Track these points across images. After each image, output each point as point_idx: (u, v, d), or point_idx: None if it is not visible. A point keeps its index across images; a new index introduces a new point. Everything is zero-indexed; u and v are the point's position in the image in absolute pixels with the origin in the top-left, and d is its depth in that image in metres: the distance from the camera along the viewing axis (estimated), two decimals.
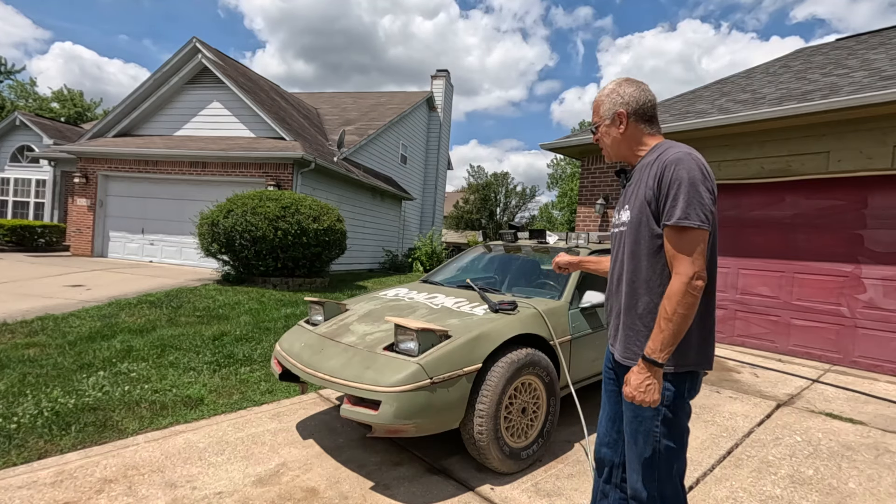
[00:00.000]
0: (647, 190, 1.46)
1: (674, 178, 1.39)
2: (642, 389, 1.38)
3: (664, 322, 1.35)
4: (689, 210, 1.35)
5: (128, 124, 11.49)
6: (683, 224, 1.35)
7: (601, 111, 1.62)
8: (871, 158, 4.83)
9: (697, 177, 1.38)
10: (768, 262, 5.68)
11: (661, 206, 1.43)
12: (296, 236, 7.71)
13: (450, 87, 19.29)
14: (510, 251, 4.17)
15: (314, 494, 2.28)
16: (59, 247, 12.86)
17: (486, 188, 38.81)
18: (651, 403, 1.38)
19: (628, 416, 1.52)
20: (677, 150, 1.46)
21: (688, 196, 1.36)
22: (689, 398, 1.49)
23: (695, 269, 1.34)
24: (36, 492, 2.19)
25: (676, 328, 1.34)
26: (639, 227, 1.49)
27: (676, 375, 1.45)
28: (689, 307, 1.34)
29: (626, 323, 1.54)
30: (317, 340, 2.81)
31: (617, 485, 1.70)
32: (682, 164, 1.40)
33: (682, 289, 1.33)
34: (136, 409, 3.13)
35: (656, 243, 1.45)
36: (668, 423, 1.45)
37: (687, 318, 1.34)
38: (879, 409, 3.80)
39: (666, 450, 1.46)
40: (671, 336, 1.34)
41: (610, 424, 1.71)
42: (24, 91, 30.47)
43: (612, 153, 1.65)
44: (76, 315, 5.29)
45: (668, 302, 1.35)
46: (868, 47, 7.11)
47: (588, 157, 7.49)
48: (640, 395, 1.38)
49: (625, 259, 1.56)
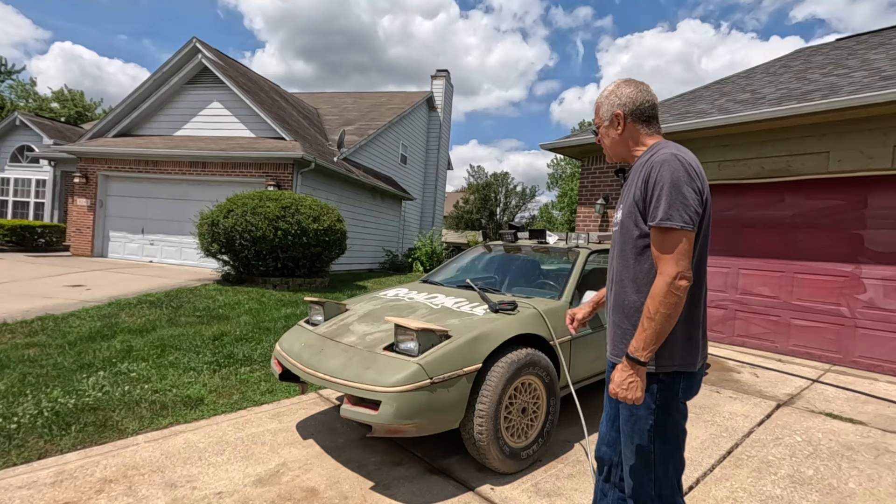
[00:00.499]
0: (636, 190, 1.48)
1: (657, 179, 1.41)
2: (624, 387, 1.40)
3: (647, 321, 1.37)
4: (671, 211, 1.36)
5: (128, 124, 11.49)
6: (665, 225, 1.37)
7: (601, 113, 1.65)
8: (871, 158, 4.83)
9: (682, 178, 1.39)
10: (768, 261, 5.68)
11: (647, 207, 1.45)
12: (296, 236, 7.71)
13: (450, 87, 19.29)
14: (510, 251, 4.17)
15: (314, 494, 2.28)
16: (59, 247, 12.87)
17: (486, 188, 38.81)
18: (634, 401, 1.39)
19: (623, 416, 1.53)
20: (666, 150, 1.46)
21: (670, 197, 1.37)
22: (683, 398, 1.49)
23: (678, 270, 1.35)
24: (36, 492, 2.19)
25: (659, 327, 1.35)
26: (627, 227, 1.52)
27: (668, 375, 1.45)
28: (672, 307, 1.35)
29: (614, 321, 1.57)
30: (317, 340, 2.81)
31: (616, 484, 1.71)
32: (666, 165, 1.41)
33: (664, 289, 1.34)
34: (136, 409, 3.13)
35: (642, 243, 1.47)
36: (662, 423, 1.46)
37: (670, 317, 1.35)
38: (879, 409, 3.80)
39: (661, 450, 1.46)
40: (653, 335, 1.35)
41: (609, 424, 1.72)
42: (24, 91, 30.48)
43: (612, 154, 1.67)
44: (76, 315, 5.29)
45: (651, 301, 1.36)
46: (868, 47, 7.11)
47: (588, 157, 7.49)
48: (623, 392, 1.40)
49: (614, 259, 1.60)
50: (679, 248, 1.36)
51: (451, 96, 19.61)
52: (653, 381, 1.45)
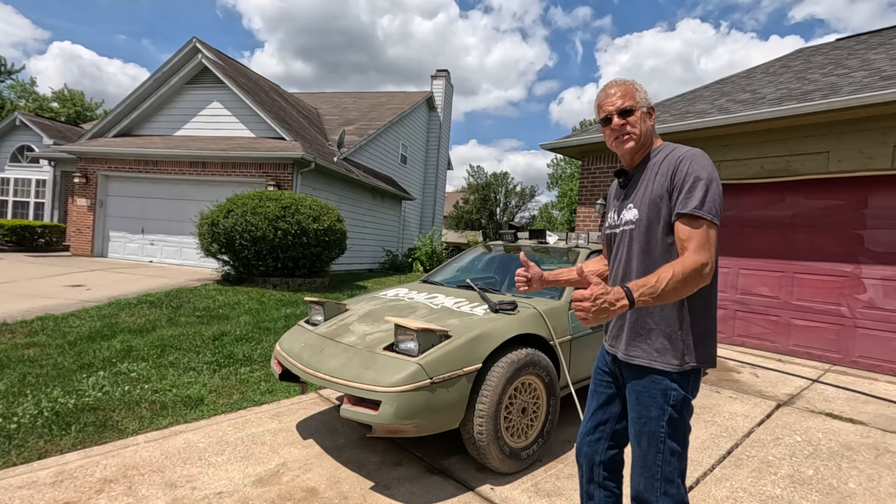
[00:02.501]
0: (660, 188, 1.46)
1: (690, 172, 1.41)
2: (596, 305, 1.23)
3: (663, 275, 1.30)
4: (707, 203, 1.38)
5: (128, 124, 11.49)
6: (699, 214, 1.37)
7: (637, 97, 1.54)
8: (871, 158, 4.83)
9: (714, 175, 1.42)
10: (768, 262, 5.68)
11: (673, 201, 1.44)
12: (296, 236, 7.71)
13: (450, 86, 19.29)
14: (510, 251, 4.17)
15: (314, 494, 2.28)
16: (59, 247, 12.87)
17: (486, 188, 38.83)
18: (588, 320, 1.25)
19: (632, 417, 1.51)
20: (687, 148, 1.49)
21: (706, 189, 1.38)
22: (692, 397, 1.49)
23: (709, 258, 1.35)
24: (36, 492, 2.19)
25: (668, 288, 1.30)
26: (651, 225, 1.48)
27: (681, 374, 1.44)
28: (689, 284, 1.32)
29: (636, 321, 1.51)
30: (317, 340, 2.81)
31: (600, 483, 1.69)
32: (699, 159, 1.44)
33: (694, 267, 1.32)
34: (136, 409, 3.13)
35: (669, 240, 1.46)
36: (674, 424, 1.45)
37: (681, 290, 1.32)
38: (879, 409, 3.80)
39: (670, 451, 1.45)
40: (659, 291, 1.29)
41: (593, 424, 1.70)
42: (24, 91, 30.47)
43: (640, 143, 1.56)
44: (76, 315, 5.29)
45: (678, 265, 1.32)
46: (868, 47, 7.11)
47: (588, 157, 7.48)
48: (588, 304, 1.23)
49: (633, 257, 1.53)
50: (710, 239, 1.37)
51: (451, 96, 19.61)
52: (670, 379, 1.43)
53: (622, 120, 1.54)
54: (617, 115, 1.54)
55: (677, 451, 1.46)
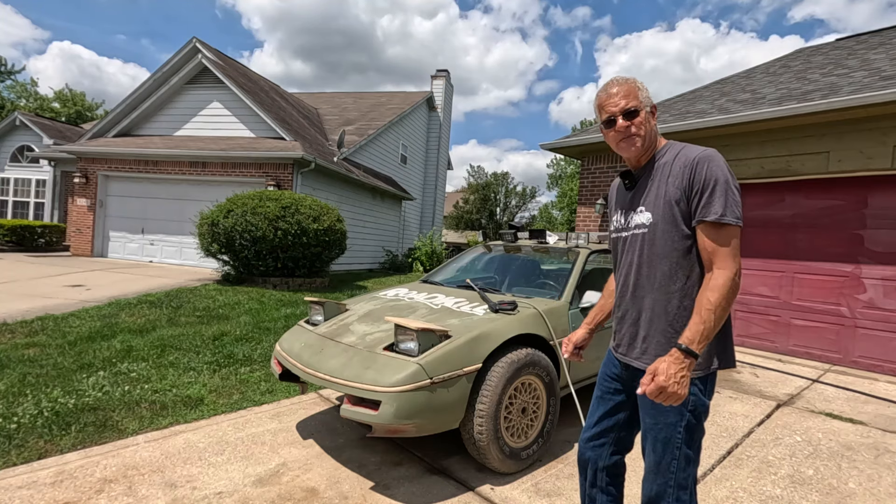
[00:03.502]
0: (675, 189, 1.42)
1: (708, 175, 1.38)
2: (676, 380, 1.25)
3: (706, 312, 1.29)
4: (729, 207, 1.36)
5: (128, 124, 11.49)
6: (724, 220, 1.35)
7: (640, 97, 1.48)
8: (871, 158, 4.83)
9: (731, 175, 1.40)
10: (768, 262, 5.68)
11: (691, 205, 1.41)
12: (296, 236, 7.71)
13: (450, 86, 19.29)
14: (510, 251, 4.17)
15: (314, 494, 2.28)
16: (59, 247, 12.87)
17: (486, 188, 38.83)
18: (679, 399, 1.27)
19: (648, 423, 1.47)
20: (699, 148, 1.45)
21: (725, 194, 1.36)
22: (709, 401, 1.46)
23: (737, 265, 1.34)
24: (36, 492, 2.19)
25: (718, 320, 1.30)
26: (666, 229, 1.44)
27: (702, 379, 1.41)
28: (730, 302, 1.32)
29: (659, 328, 1.46)
30: (317, 340, 2.81)
31: (602, 488, 1.67)
32: (715, 161, 1.40)
33: (728, 283, 1.31)
34: (136, 409, 3.13)
35: (687, 244, 1.43)
36: (691, 430, 1.41)
37: (726, 312, 1.32)
38: (879, 409, 3.80)
39: (685, 457, 1.42)
40: (712, 328, 1.29)
41: (599, 431, 1.66)
42: (24, 91, 30.47)
43: (646, 144, 1.51)
44: (76, 315, 5.29)
45: (713, 294, 1.31)
46: (868, 47, 7.11)
47: (588, 157, 7.49)
48: (674, 387, 1.25)
49: (649, 262, 1.49)
50: (735, 244, 1.35)
51: (451, 96, 19.61)
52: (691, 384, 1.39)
53: (627, 122, 1.47)
54: (622, 117, 1.47)
55: (692, 458, 1.44)
